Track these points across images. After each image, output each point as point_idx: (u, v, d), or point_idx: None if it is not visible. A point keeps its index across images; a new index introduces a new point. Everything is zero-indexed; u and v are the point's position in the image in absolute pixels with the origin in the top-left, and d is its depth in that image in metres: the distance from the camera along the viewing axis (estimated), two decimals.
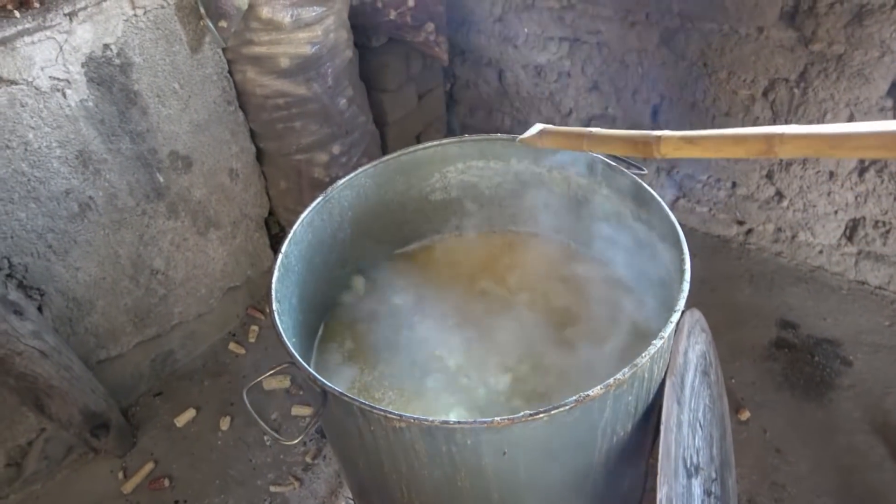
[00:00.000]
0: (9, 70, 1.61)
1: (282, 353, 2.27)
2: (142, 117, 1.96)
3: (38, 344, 1.76)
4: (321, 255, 1.49)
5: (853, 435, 1.93)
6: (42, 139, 1.74)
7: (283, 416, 2.18)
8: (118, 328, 2.14)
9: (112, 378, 2.16)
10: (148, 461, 2.09)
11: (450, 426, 0.98)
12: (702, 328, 1.47)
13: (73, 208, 1.88)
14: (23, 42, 1.62)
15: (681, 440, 1.19)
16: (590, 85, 2.66)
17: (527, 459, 1.08)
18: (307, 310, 1.44)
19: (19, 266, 1.81)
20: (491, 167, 1.63)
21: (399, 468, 1.13)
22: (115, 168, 1.93)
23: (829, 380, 2.09)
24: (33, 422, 1.97)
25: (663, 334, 1.08)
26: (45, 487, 2.06)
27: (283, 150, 2.34)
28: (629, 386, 1.08)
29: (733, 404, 2.03)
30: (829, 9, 1.95)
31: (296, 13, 2.06)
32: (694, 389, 1.32)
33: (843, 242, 2.35)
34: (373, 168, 1.54)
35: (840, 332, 2.23)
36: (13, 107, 1.65)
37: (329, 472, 2.01)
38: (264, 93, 2.20)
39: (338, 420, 1.14)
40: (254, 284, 2.58)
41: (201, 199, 2.23)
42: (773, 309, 2.35)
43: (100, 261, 2.00)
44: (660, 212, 1.32)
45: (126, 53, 1.85)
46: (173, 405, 2.27)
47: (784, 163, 2.31)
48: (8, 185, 1.71)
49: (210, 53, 2.07)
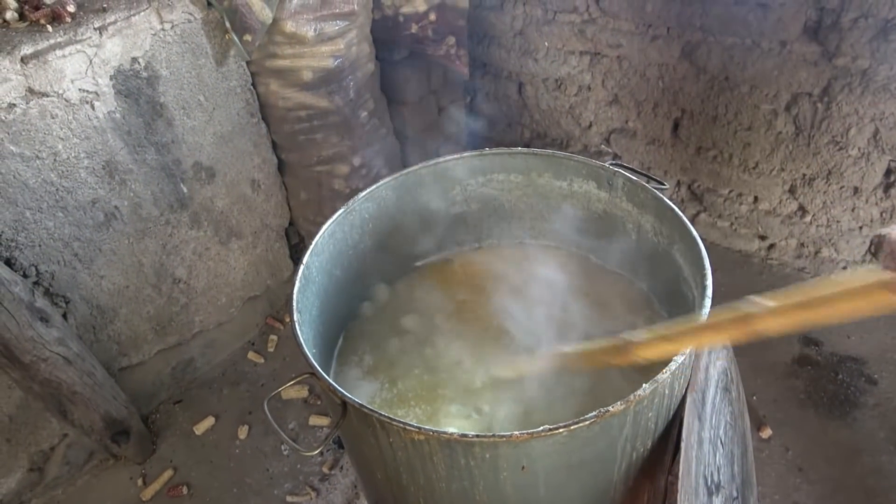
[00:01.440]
0: (41, 83, 1.65)
1: (300, 362, 2.28)
2: (167, 129, 1.99)
3: (62, 351, 1.79)
4: (342, 266, 1.50)
5: (878, 455, 1.90)
6: (70, 150, 1.78)
7: (301, 426, 2.18)
8: (140, 336, 2.16)
9: (133, 385, 2.19)
10: (167, 468, 2.11)
11: (468, 439, 0.98)
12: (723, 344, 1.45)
13: (99, 217, 1.91)
14: (54, 55, 1.66)
15: (701, 457, 1.18)
16: (610, 98, 2.66)
17: (546, 474, 1.07)
18: (327, 321, 1.45)
19: (46, 274, 1.84)
20: (511, 180, 1.63)
21: (417, 480, 1.12)
22: (140, 178, 1.97)
23: (853, 398, 2.06)
24: (56, 427, 2.00)
25: (685, 350, 1.07)
26: (66, 493, 2.08)
27: (305, 161, 2.37)
28: (650, 402, 1.07)
29: (755, 422, 2.00)
30: (854, 23, 1.93)
31: (319, 27, 2.09)
32: (715, 406, 1.30)
33: (867, 259, 2.31)
34: (394, 180, 1.55)
35: (865, 351, 2.19)
36: (44, 118, 1.69)
37: (346, 483, 2.01)
38: (287, 105, 2.22)
39: (356, 431, 1.14)
40: (273, 294, 2.60)
41: (223, 209, 2.26)
42: None
43: (124, 269, 2.03)
44: (681, 227, 1.31)
45: (153, 66, 1.89)
46: (192, 413, 2.29)
47: (807, 177, 2.29)
48: (37, 195, 1.75)
49: (234, 66, 2.10)
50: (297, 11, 2.03)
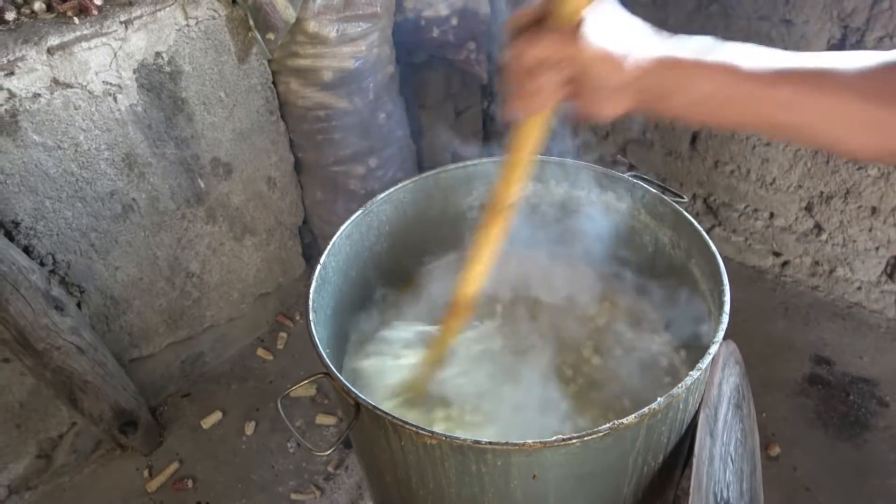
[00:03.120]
0: (65, 74, 1.67)
1: (309, 361, 2.28)
2: (187, 124, 2.00)
3: (76, 340, 1.80)
4: (357, 267, 1.51)
5: (887, 478, 1.88)
6: (92, 141, 1.79)
7: (308, 424, 2.19)
8: (151, 328, 2.18)
9: (142, 377, 2.20)
10: (173, 461, 2.12)
11: (481, 446, 0.98)
12: (736, 360, 1.45)
13: (117, 209, 1.92)
14: (80, 48, 1.68)
15: (712, 474, 1.17)
16: None
17: (556, 484, 1.07)
18: (341, 321, 1.45)
19: (62, 263, 1.86)
20: (529, 188, 1.63)
21: (427, 485, 1.13)
22: (158, 172, 1.98)
23: (863, 420, 2.04)
24: (65, 415, 2.01)
25: (701, 366, 1.06)
26: (73, 480, 2.09)
27: (322, 161, 2.38)
28: (663, 416, 1.07)
29: (764, 439, 1.99)
30: (879, 42, 1.92)
31: (341, 28, 2.09)
32: (727, 423, 1.30)
33: (883, 280, 2.30)
34: (412, 184, 1.56)
35: (877, 372, 2.17)
36: (67, 109, 1.71)
37: (350, 483, 2.01)
38: (306, 104, 2.23)
39: (367, 433, 1.14)
40: (284, 292, 2.61)
41: (239, 205, 2.27)
42: (807, 344, 2.30)
43: (138, 261, 2.04)
44: (699, 241, 1.31)
45: (176, 62, 1.90)
46: (200, 407, 2.30)
47: (825, 195, 2.28)
48: (57, 185, 1.76)
49: (256, 64, 2.11)
50: (320, 12, 2.04)
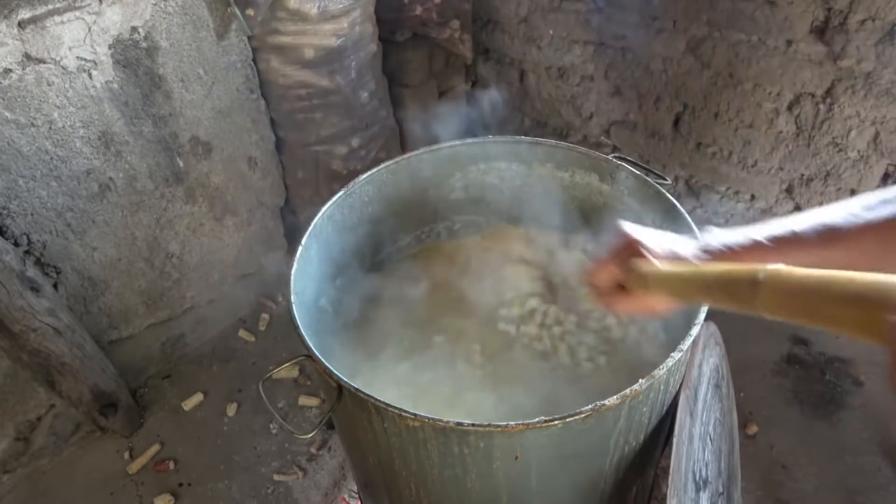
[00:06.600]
0: (38, 49, 1.62)
1: (291, 342, 2.27)
2: (165, 101, 1.96)
3: (52, 321, 1.77)
4: (339, 248, 1.49)
5: (861, 455, 1.92)
6: (66, 118, 1.75)
7: (290, 406, 2.18)
8: (131, 309, 2.15)
9: (122, 359, 2.18)
10: (154, 443, 2.11)
11: (463, 427, 0.98)
12: (716, 341, 1.46)
13: (94, 188, 1.88)
14: (52, 21, 1.63)
15: (692, 453, 1.19)
16: (612, 90, 2.65)
17: (538, 465, 1.07)
18: (323, 303, 1.44)
19: (38, 243, 1.82)
20: (513, 169, 1.62)
21: (409, 466, 1.13)
22: (136, 150, 1.94)
23: (839, 399, 2.08)
24: (43, 398, 1.99)
25: (682, 347, 1.07)
26: (52, 463, 2.08)
27: (303, 140, 2.35)
28: (645, 397, 1.07)
29: (741, 418, 2.02)
30: (861, 25, 1.93)
31: (323, 5, 2.05)
32: (706, 403, 1.31)
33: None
34: (395, 164, 1.54)
35: (852, 352, 2.21)
36: (40, 85, 1.66)
37: (333, 464, 2.01)
38: (287, 83, 2.20)
39: (350, 415, 1.14)
40: (266, 273, 2.59)
41: (219, 185, 2.23)
42: (786, 324, 2.33)
43: (116, 242, 2.01)
44: (683, 223, 1.31)
45: (153, 37, 1.86)
46: (181, 389, 2.28)
47: (805, 178, 2.30)
48: (31, 163, 1.72)
49: (235, 41, 2.07)
50: None
